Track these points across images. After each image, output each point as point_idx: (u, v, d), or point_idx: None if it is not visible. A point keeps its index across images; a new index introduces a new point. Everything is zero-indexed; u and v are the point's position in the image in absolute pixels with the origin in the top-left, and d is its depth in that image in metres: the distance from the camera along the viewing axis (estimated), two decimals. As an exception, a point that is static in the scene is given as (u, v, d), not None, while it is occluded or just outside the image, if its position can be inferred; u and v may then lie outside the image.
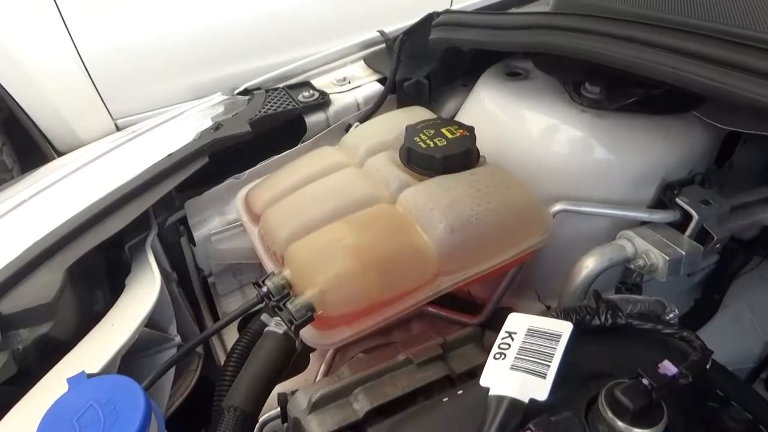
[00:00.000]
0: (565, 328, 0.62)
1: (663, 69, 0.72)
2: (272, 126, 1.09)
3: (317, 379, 1.01)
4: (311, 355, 1.07)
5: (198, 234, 1.06)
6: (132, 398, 0.66)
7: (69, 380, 0.69)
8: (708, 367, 0.68)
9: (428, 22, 1.08)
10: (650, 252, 0.88)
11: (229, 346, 0.97)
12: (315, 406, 0.77)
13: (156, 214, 1.02)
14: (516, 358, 0.60)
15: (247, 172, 1.07)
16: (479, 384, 0.59)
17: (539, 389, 0.56)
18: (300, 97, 1.14)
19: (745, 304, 1.21)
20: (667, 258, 0.85)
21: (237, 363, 0.91)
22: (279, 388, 0.85)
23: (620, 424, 0.54)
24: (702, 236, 0.91)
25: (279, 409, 0.85)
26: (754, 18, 0.73)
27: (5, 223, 0.96)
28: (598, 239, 0.92)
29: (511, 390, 0.57)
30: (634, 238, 0.90)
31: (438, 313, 1.03)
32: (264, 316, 0.93)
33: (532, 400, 0.55)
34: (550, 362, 0.58)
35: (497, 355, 0.61)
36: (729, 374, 0.79)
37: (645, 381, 0.55)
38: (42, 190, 1.03)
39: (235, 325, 1.12)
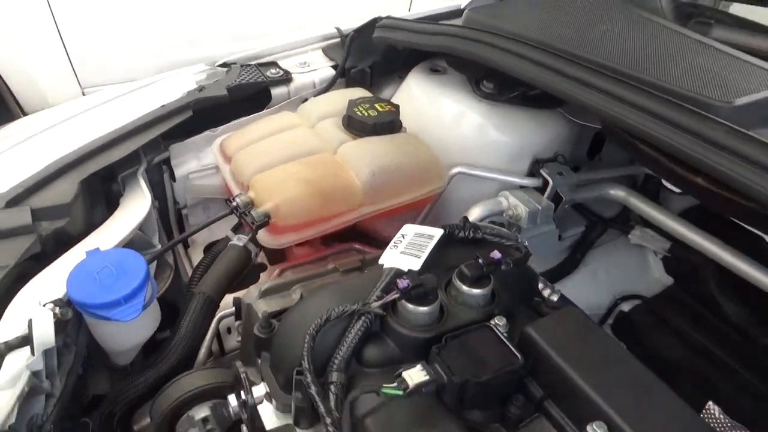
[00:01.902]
0: (437, 233, 0.93)
1: (529, 75, 1.04)
2: (245, 93, 1.37)
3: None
4: (261, 274, 1.35)
5: (178, 172, 1.33)
6: (137, 263, 0.93)
7: (87, 252, 0.96)
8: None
9: (373, 23, 1.39)
10: (518, 206, 1.21)
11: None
12: (263, 294, 1.06)
13: (145, 153, 1.28)
14: (404, 248, 0.91)
15: (222, 127, 1.34)
16: (378, 264, 0.90)
17: (415, 264, 0.87)
18: (268, 73, 1.43)
19: (602, 265, 1.58)
20: (528, 210, 1.19)
21: (205, 267, 1.18)
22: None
23: (463, 287, 0.86)
24: (557, 198, 1.25)
25: (234, 308, 1.13)
26: (594, 47, 1.07)
27: (25, 149, 1.21)
28: (486, 196, 1.25)
29: (397, 264, 0.88)
30: (509, 197, 1.23)
31: (363, 249, 1.33)
32: (229, 234, 1.21)
33: (409, 270, 0.86)
34: (425, 250, 0.90)
35: (392, 246, 0.92)
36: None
37: (480, 261, 0.87)
38: (52, 127, 1.27)
39: (201, 249, 1.39)
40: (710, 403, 1.35)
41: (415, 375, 0.74)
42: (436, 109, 1.32)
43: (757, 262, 1.16)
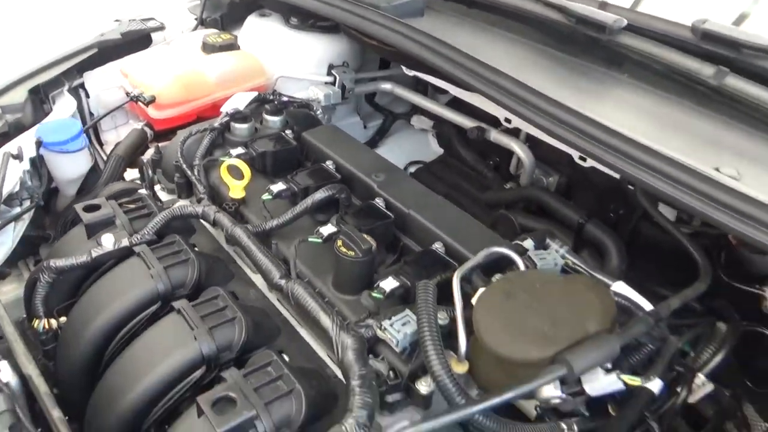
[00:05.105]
0: (253, 94, 1.65)
1: (323, 8, 1.76)
2: (133, 37, 2.02)
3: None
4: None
5: (92, 92, 1.95)
6: (74, 122, 1.58)
7: (40, 124, 1.59)
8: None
9: (219, -15, 2.09)
10: (319, 93, 1.95)
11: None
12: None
13: (66, 78, 1.90)
14: (235, 102, 1.62)
15: (120, 59, 1.98)
16: (220, 112, 1.60)
17: (240, 106, 1.58)
18: (149, 24, 2.08)
19: (396, 144, 2.36)
20: (323, 93, 1.93)
21: (117, 144, 1.83)
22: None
23: (267, 116, 1.58)
24: (342, 88, 1.99)
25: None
26: None
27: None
28: (302, 90, 1.97)
29: (230, 108, 1.58)
30: (314, 89, 1.96)
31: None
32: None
33: (235, 108, 1.57)
34: (244, 102, 1.61)
35: (229, 101, 1.62)
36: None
37: (276, 102, 1.59)
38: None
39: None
40: (461, 216, 2.15)
41: (236, 152, 1.45)
42: (264, 38, 2.03)
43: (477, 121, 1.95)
